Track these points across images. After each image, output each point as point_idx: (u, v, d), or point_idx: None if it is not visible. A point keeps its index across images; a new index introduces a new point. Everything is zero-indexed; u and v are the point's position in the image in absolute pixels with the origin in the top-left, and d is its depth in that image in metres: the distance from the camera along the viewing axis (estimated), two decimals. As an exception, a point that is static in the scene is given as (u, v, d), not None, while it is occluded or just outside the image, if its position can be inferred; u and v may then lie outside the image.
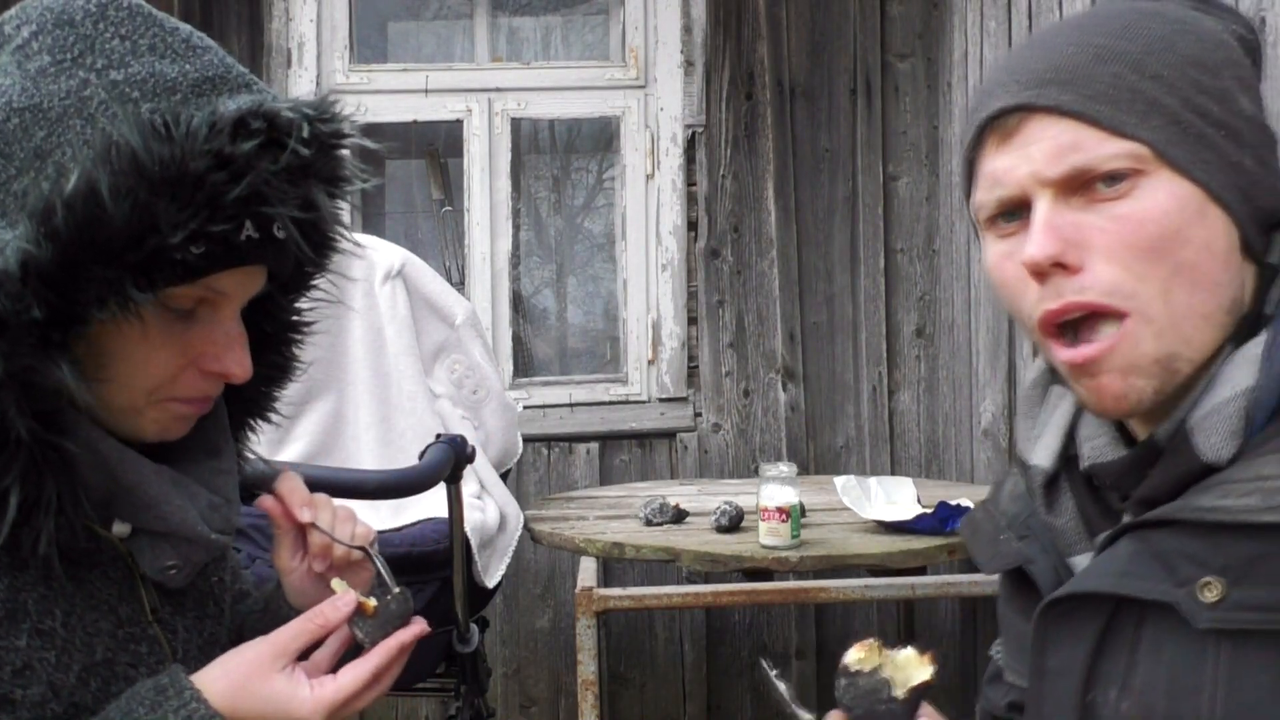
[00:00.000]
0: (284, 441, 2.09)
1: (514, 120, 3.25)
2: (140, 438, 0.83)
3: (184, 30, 0.80)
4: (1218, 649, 0.69)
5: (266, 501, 0.94)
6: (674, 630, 3.20)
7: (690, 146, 3.22)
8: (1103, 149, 0.73)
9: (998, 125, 0.78)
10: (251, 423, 0.98)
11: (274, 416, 0.99)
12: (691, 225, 3.23)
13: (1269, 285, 0.76)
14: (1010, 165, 0.76)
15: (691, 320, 3.24)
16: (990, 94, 0.80)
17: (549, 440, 3.16)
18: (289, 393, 0.99)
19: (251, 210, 0.74)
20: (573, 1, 4.06)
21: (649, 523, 2.32)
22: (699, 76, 3.22)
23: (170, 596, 0.90)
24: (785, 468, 2.11)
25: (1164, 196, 0.73)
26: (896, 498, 2.37)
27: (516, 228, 3.34)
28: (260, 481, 0.95)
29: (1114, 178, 0.73)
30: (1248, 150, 0.76)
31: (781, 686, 0.77)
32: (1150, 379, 0.74)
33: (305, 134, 0.76)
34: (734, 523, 2.23)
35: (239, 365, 0.83)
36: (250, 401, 0.96)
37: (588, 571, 2.20)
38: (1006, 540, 0.89)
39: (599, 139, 3.89)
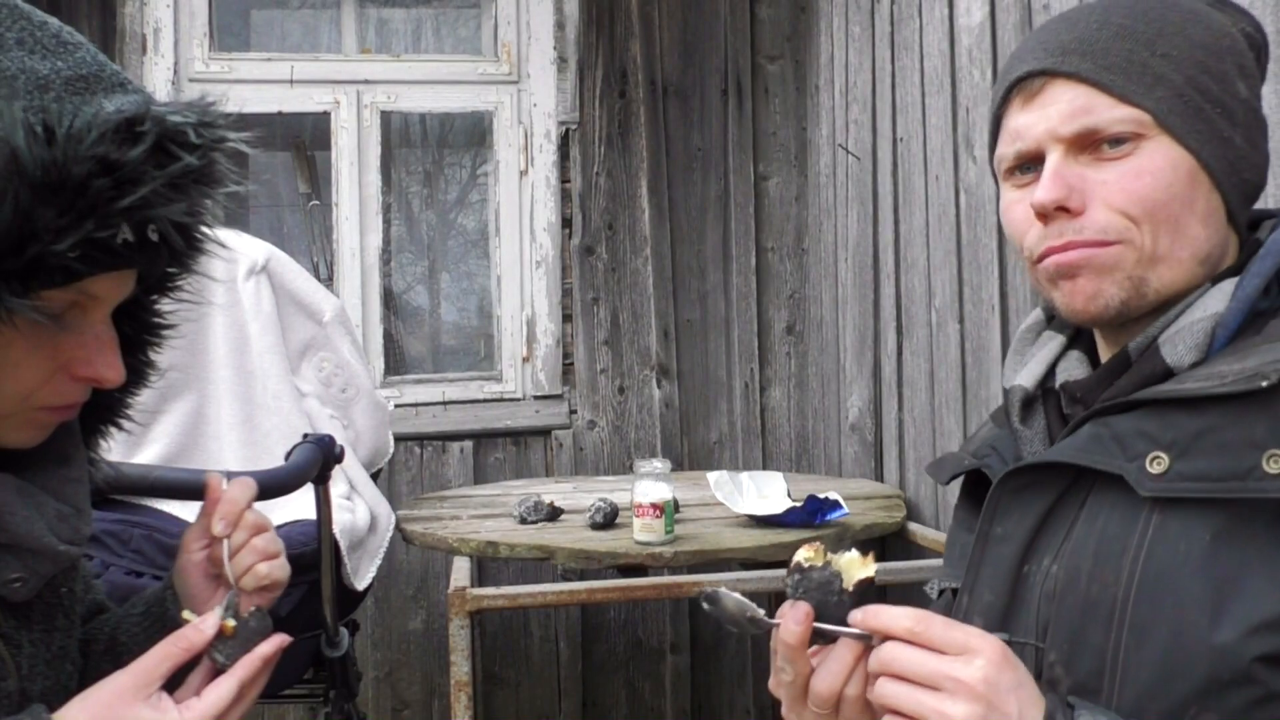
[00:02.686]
0: (141, 444, 2.01)
1: (384, 113, 3.19)
2: (3, 444, 0.80)
3: (53, 24, 0.76)
4: (1148, 518, 0.78)
5: (213, 480, 0.96)
6: (549, 628, 3.20)
7: (564, 143, 3.22)
8: (1112, 113, 0.84)
9: (1023, 86, 0.89)
10: (104, 429, 0.95)
11: (126, 422, 0.96)
12: (566, 222, 3.23)
13: (1251, 252, 0.87)
14: (1030, 123, 0.88)
15: (566, 317, 3.24)
16: (1020, 59, 0.90)
17: (422, 439, 3.12)
18: (142, 396, 0.96)
19: (133, 215, 0.72)
20: (444, -6, 4.00)
21: (523, 521, 2.31)
22: (572, 73, 3.21)
23: (15, 610, 0.86)
24: (659, 464, 2.13)
25: (1160, 159, 0.84)
26: (767, 492, 2.41)
27: (387, 223, 3.28)
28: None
29: (1118, 140, 0.85)
30: (1239, 129, 0.87)
31: (736, 595, 0.81)
32: (1120, 290, 0.85)
33: (193, 141, 0.74)
34: (609, 519, 2.24)
35: (111, 369, 0.80)
36: (104, 407, 0.93)
37: (461, 571, 2.18)
38: (965, 458, 1.00)
39: (472, 134, 3.85)
